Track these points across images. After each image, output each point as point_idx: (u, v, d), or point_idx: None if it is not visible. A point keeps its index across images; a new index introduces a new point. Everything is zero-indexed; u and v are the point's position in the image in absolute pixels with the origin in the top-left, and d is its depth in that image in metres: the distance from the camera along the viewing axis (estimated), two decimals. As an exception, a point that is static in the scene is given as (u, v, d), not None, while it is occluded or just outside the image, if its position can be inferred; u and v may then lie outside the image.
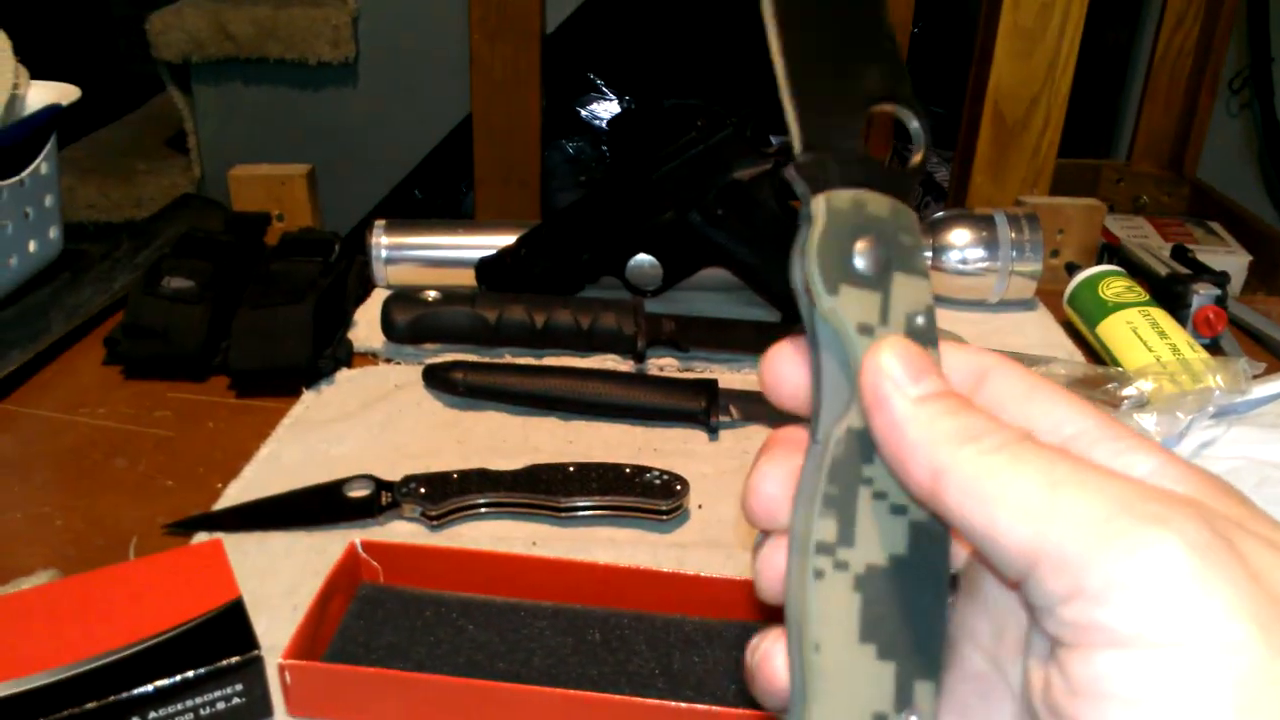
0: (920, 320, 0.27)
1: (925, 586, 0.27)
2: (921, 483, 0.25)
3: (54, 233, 0.87)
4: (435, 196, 1.98)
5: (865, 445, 0.27)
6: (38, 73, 0.87)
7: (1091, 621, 0.21)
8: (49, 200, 0.86)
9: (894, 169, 0.28)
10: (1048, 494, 0.23)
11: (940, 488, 0.24)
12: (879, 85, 0.29)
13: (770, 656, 0.28)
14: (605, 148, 2.18)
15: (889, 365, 0.26)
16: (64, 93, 0.87)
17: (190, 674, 0.43)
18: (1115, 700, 0.21)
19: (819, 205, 0.27)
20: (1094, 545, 0.22)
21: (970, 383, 0.28)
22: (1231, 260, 1.25)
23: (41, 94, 0.86)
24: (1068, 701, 0.22)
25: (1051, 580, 0.22)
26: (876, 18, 0.30)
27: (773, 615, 0.28)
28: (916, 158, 0.29)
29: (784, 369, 0.29)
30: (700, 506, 0.62)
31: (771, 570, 0.28)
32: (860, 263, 0.27)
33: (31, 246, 0.84)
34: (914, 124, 0.30)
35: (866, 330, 0.27)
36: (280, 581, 0.54)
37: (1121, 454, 0.25)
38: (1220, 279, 0.84)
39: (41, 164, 0.84)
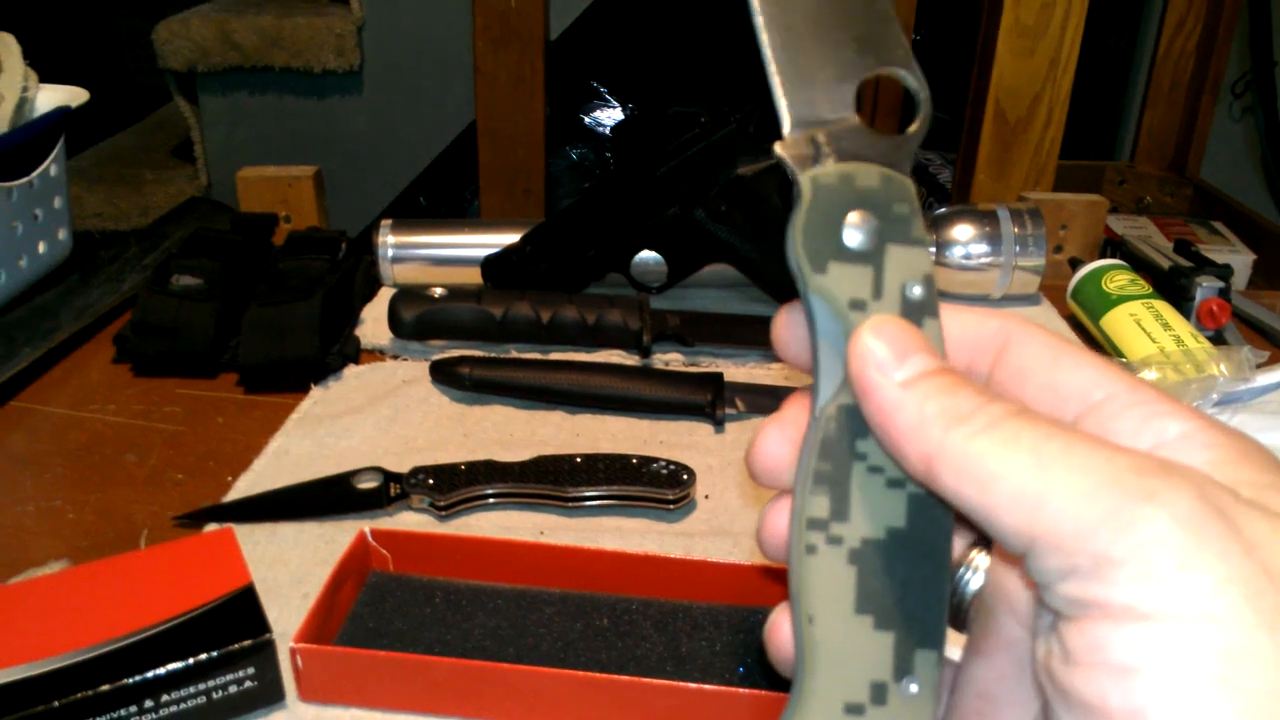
0: (916, 291, 0.27)
1: (925, 557, 0.27)
2: (915, 467, 0.25)
3: (63, 234, 0.88)
4: (440, 203, 1.99)
5: (859, 421, 0.26)
6: (46, 81, 0.88)
7: (1086, 596, 0.22)
8: (58, 202, 0.87)
9: (889, 138, 0.28)
10: (1038, 475, 0.23)
11: (934, 472, 0.24)
12: (872, 50, 0.28)
13: (779, 626, 0.28)
14: (609, 154, 2.19)
15: (872, 348, 0.26)
16: (73, 95, 0.88)
17: (203, 657, 0.43)
18: (1106, 669, 0.21)
19: (804, 183, 0.27)
20: (1085, 523, 0.22)
21: (990, 350, 0.28)
22: (1236, 259, 1.25)
23: (50, 97, 0.87)
24: (1064, 670, 0.22)
25: (1048, 558, 0.22)
26: None
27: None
28: (915, 123, 0.28)
29: (792, 329, 0.29)
30: (707, 497, 0.62)
31: (774, 531, 0.28)
32: (851, 238, 0.26)
33: (41, 248, 0.85)
34: (911, 82, 0.28)
35: (859, 306, 0.26)
36: (290, 570, 0.55)
37: (1151, 419, 0.24)
38: (1224, 271, 0.84)
39: (50, 165, 0.84)
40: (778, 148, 0.27)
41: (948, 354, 0.28)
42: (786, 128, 0.27)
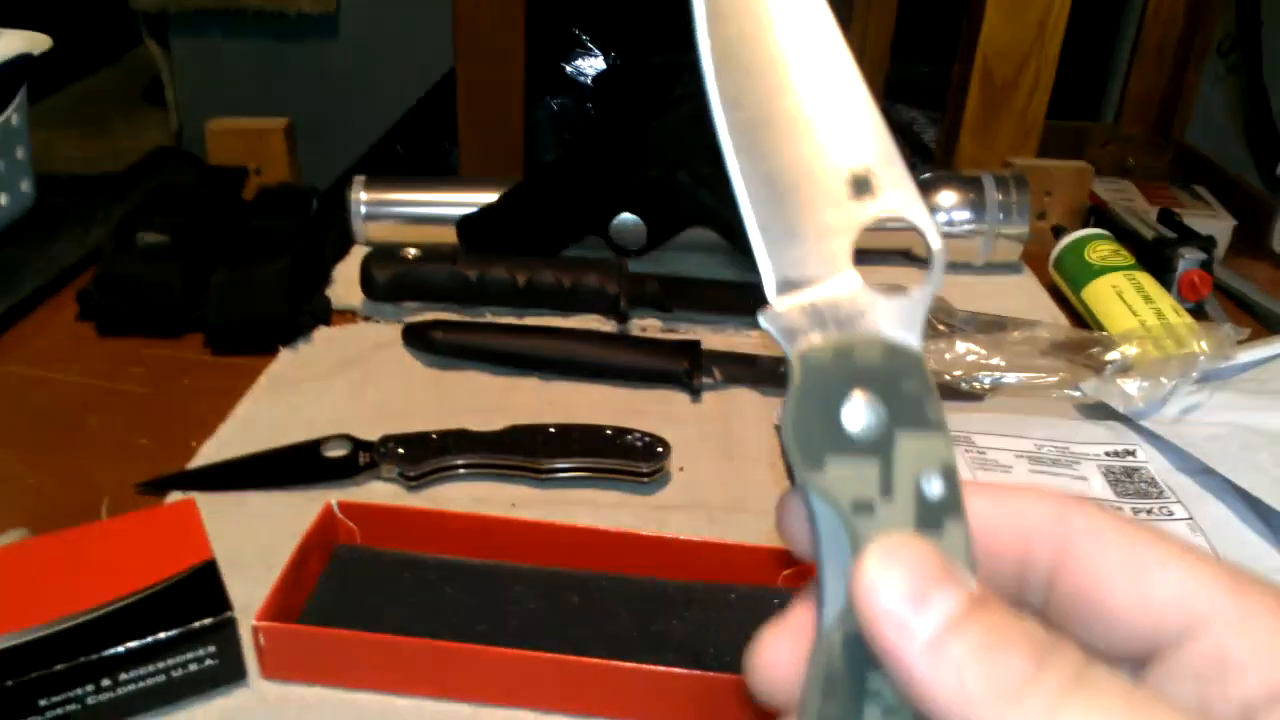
0: (934, 487, 0.22)
1: None
2: None
3: (25, 185, 0.86)
4: (418, 153, 1.96)
5: (870, 652, 0.22)
6: (8, 21, 0.85)
7: None
8: (20, 152, 0.84)
9: (895, 298, 0.23)
10: None
11: None
12: (872, 192, 0.24)
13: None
14: (590, 105, 2.15)
15: (882, 597, 0.21)
16: (34, 42, 0.85)
17: (162, 635, 0.42)
18: None
19: (794, 361, 0.23)
20: None
21: (1045, 544, 0.23)
22: (1216, 224, 1.24)
23: (11, 43, 0.84)
24: None
25: None
26: (859, 103, 0.24)
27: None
28: (926, 282, 0.24)
29: (796, 520, 0.24)
30: (682, 469, 0.61)
31: None
32: (853, 425, 0.23)
33: (2, 200, 0.83)
34: (923, 232, 0.24)
35: (864, 509, 0.22)
36: (255, 542, 0.54)
37: (1274, 649, 0.21)
38: (1207, 243, 0.83)
39: (12, 115, 0.82)
40: (763, 318, 0.23)
41: (988, 558, 0.23)
42: (771, 292, 0.23)
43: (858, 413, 0.23)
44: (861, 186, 0.24)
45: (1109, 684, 0.20)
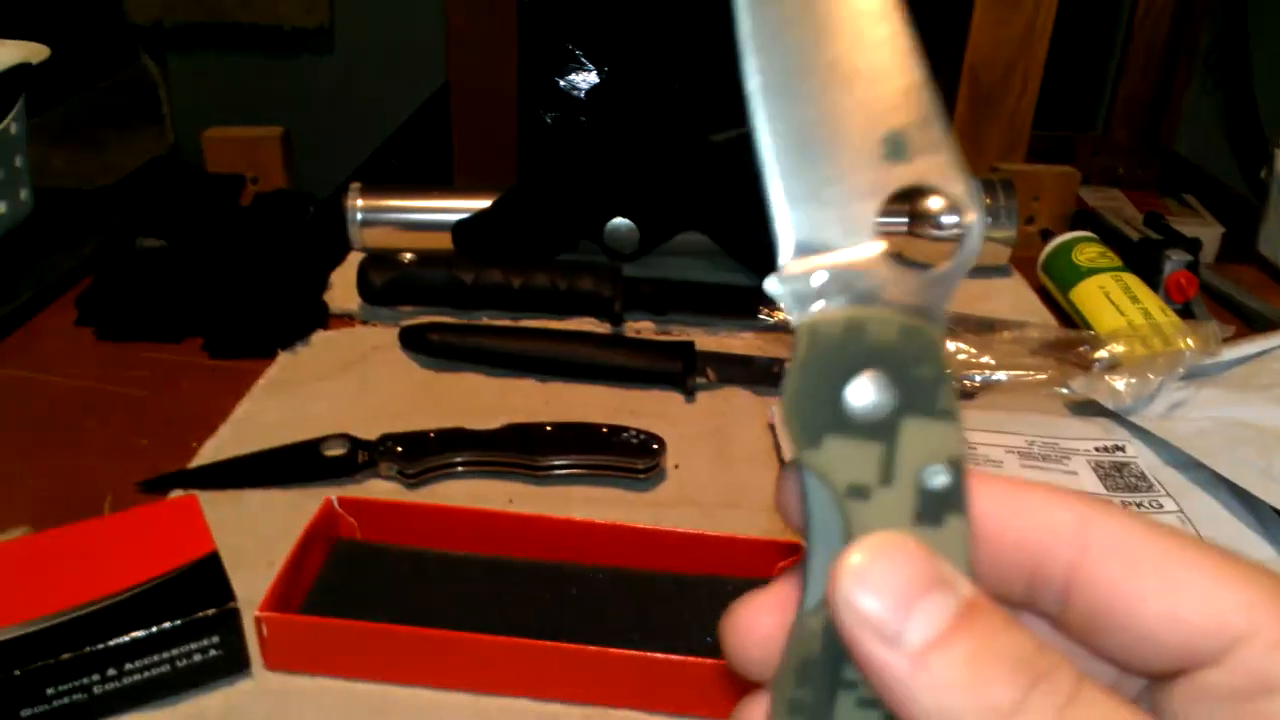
0: (939, 480, 0.21)
1: None
2: None
3: (24, 194, 0.86)
4: (412, 166, 1.97)
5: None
6: (5, 34, 0.86)
7: None
8: (18, 161, 0.85)
9: (920, 273, 0.21)
10: None
11: None
12: (907, 155, 0.21)
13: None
14: (584, 119, 2.17)
15: (863, 604, 0.19)
16: (33, 51, 0.85)
17: (166, 626, 0.43)
18: None
19: (800, 330, 0.21)
20: None
21: (1063, 553, 0.21)
22: (1205, 232, 1.25)
23: (9, 53, 0.85)
24: None
25: None
26: (903, 57, 0.22)
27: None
28: (957, 254, 0.21)
29: (792, 494, 0.22)
30: (677, 467, 0.62)
31: None
32: (856, 404, 0.21)
33: (1, 208, 0.83)
34: (958, 200, 0.22)
35: (860, 493, 0.21)
36: (256, 538, 0.54)
37: None
38: (1193, 245, 0.84)
39: (11, 124, 0.83)
40: (771, 282, 0.21)
41: (995, 562, 0.22)
42: (784, 254, 0.21)
43: (864, 392, 0.21)
44: (896, 148, 0.21)
45: (1106, 710, 0.18)
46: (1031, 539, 0.22)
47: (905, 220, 0.25)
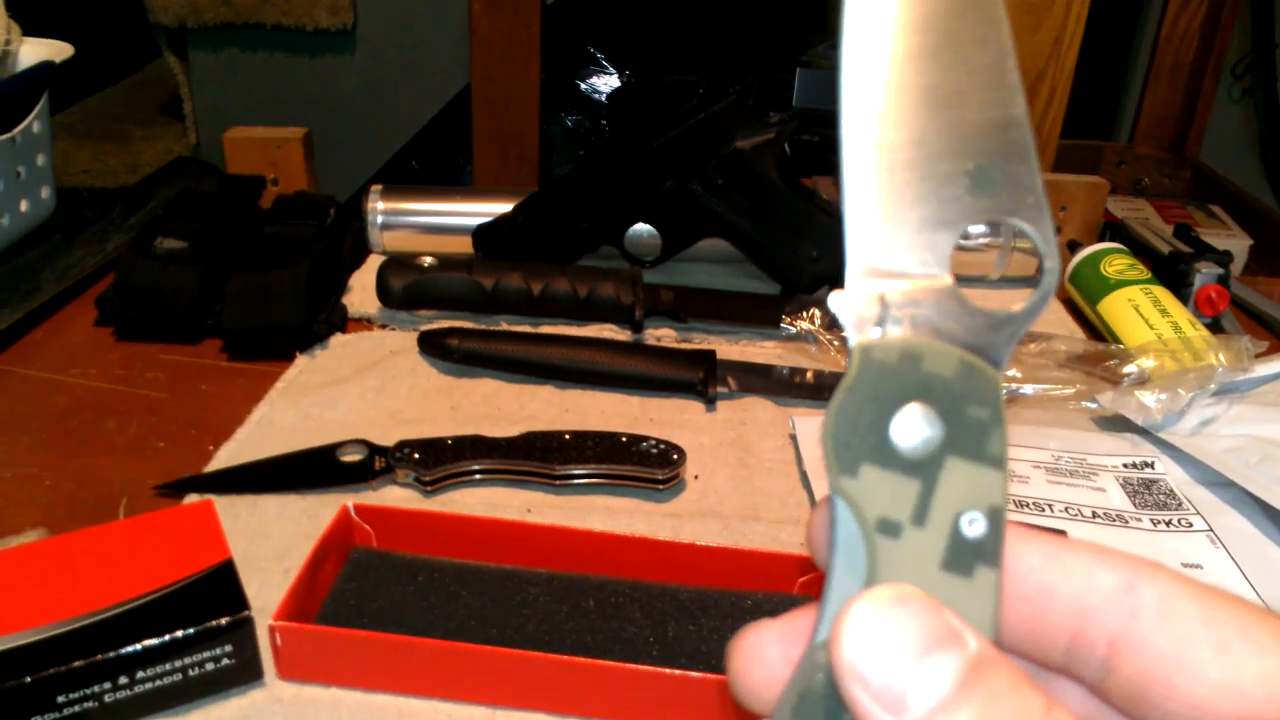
0: (975, 528, 0.20)
1: None
2: None
3: (46, 192, 0.86)
4: (432, 168, 1.97)
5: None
6: (31, 33, 0.86)
7: None
8: (41, 159, 0.85)
9: (988, 312, 0.20)
10: None
11: None
12: (990, 191, 0.21)
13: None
14: (605, 122, 2.16)
15: (864, 670, 0.18)
16: (57, 50, 0.86)
17: (179, 634, 0.42)
18: None
19: (855, 352, 0.20)
20: None
21: (1108, 618, 0.20)
22: (1233, 243, 1.24)
23: (34, 51, 0.85)
24: None
25: None
26: (1003, 88, 0.21)
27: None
28: (1030, 298, 0.21)
29: (824, 527, 0.21)
30: (696, 477, 0.61)
31: None
32: (902, 437, 0.20)
33: (23, 206, 0.83)
34: (1038, 243, 0.21)
35: (890, 530, 0.20)
36: (272, 544, 0.54)
37: None
38: (1223, 258, 0.83)
39: (34, 122, 0.83)
40: (835, 298, 0.21)
41: (1032, 627, 0.21)
42: (850, 273, 0.21)
43: (911, 425, 0.20)
44: (982, 181, 0.21)
45: None
46: (1074, 601, 0.21)
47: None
